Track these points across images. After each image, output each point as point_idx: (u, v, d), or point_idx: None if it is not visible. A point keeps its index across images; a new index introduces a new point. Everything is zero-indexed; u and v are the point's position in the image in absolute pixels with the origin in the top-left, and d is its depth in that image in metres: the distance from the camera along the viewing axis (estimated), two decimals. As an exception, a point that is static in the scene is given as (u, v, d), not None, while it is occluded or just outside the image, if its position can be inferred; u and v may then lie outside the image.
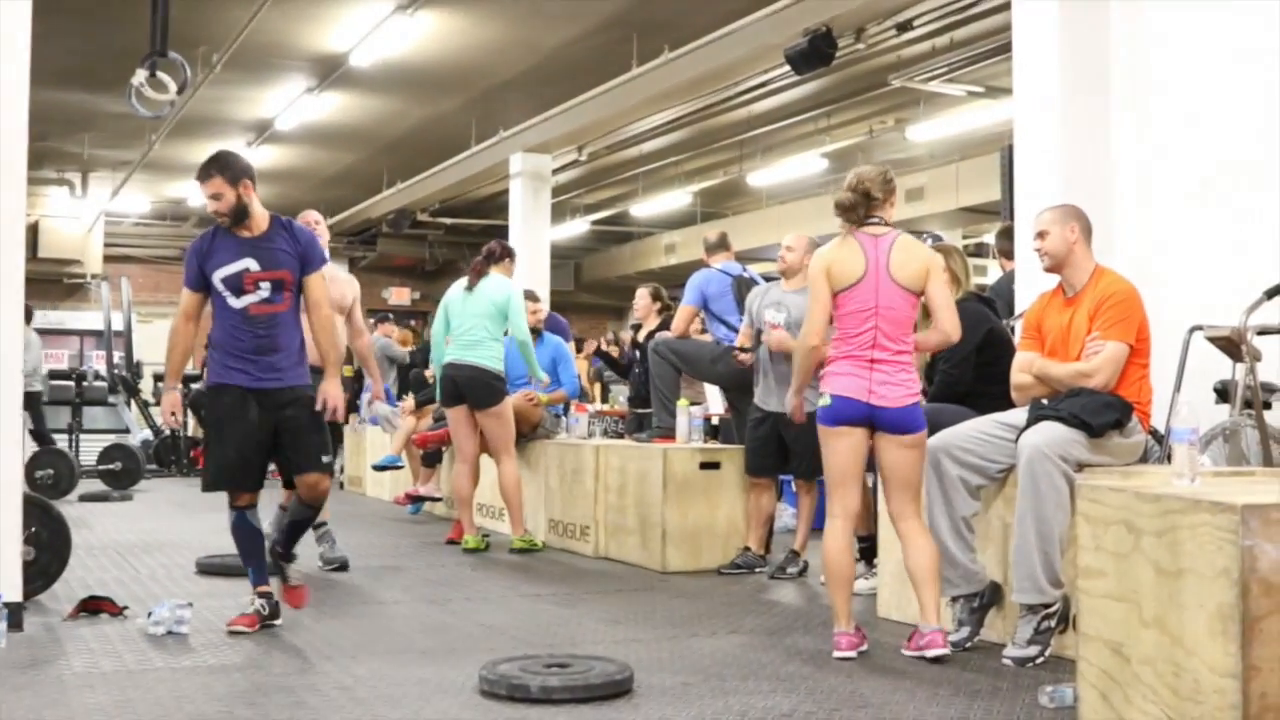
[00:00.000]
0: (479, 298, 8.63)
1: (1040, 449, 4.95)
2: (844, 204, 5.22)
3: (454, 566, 8.02)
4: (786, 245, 7.64)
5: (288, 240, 5.65)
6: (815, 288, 5.22)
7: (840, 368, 5.18)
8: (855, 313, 5.14)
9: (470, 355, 8.56)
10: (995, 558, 5.48)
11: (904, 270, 5.16)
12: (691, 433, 8.26)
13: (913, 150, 17.31)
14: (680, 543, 7.92)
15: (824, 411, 5.20)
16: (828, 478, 5.28)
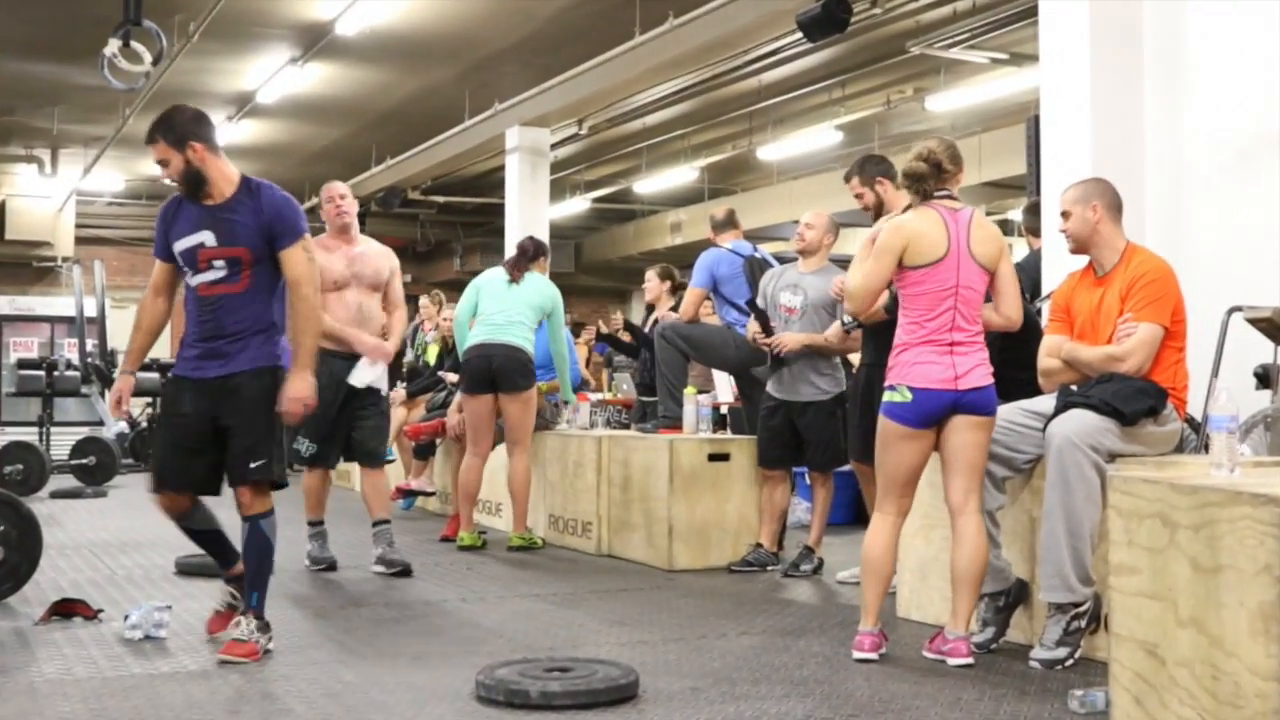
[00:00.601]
0: (525, 289, 8.75)
1: (1070, 438, 4.94)
2: (916, 173, 5.18)
3: (449, 565, 8.02)
4: (806, 223, 7.63)
5: (251, 210, 5.14)
6: (882, 255, 5.10)
7: (918, 355, 5.08)
8: (933, 293, 5.07)
9: (505, 335, 8.57)
10: (1022, 554, 5.48)
11: (983, 248, 5.15)
12: (699, 423, 8.26)
13: (933, 122, 17.28)
14: (688, 539, 7.92)
15: (900, 408, 5.08)
16: (887, 478, 5.19)
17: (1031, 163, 8.14)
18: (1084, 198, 5.35)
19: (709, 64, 13.93)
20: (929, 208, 5.16)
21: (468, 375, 8.70)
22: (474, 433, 8.79)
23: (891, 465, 5.16)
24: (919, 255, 5.08)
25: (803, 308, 7.49)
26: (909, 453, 5.14)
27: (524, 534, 8.69)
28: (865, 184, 6.81)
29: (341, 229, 7.71)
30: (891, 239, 5.12)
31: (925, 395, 5.05)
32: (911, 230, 5.11)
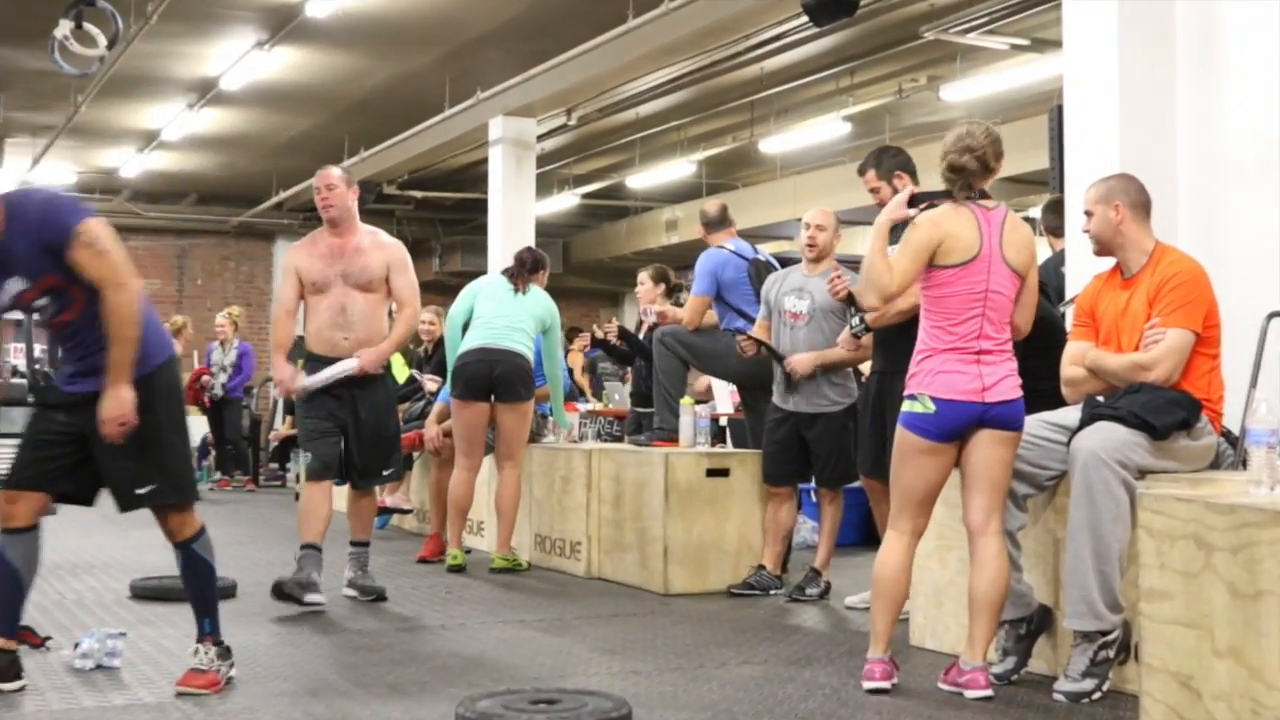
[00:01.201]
0: (530, 299, 8.80)
1: (1096, 453, 4.94)
2: (965, 168, 5.14)
3: (427, 589, 8.00)
4: (816, 224, 7.61)
5: (21, 234, 4.70)
6: (916, 251, 5.07)
7: (942, 363, 5.06)
8: (962, 295, 5.05)
9: (508, 341, 8.59)
10: (1045, 578, 5.47)
11: (1015, 252, 5.14)
12: (697, 435, 8.24)
13: (948, 112, 17.28)
14: (684, 561, 7.90)
15: (921, 420, 5.05)
16: (903, 494, 5.16)
17: (1054, 157, 8.14)
18: (1106, 196, 5.35)
19: (707, 50, 13.93)
20: (963, 205, 5.14)
21: (464, 380, 8.64)
22: (467, 443, 8.75)
23: (908, 481, 5.15)
24: (950, 254, 5.06)
25: (809, 313, 7.49)
26: (928, 468, 5.12)
27: (508, 555, 8.67)
28: (882, 178, 6.81)
29: (331, 222, 7.47)
30: (928, 234, 5.09)
31: (949, 407, 5.03)
32: (946, 228, 5.09)
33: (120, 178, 22.55)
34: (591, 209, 24.49)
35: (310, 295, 7.37)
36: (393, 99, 17.33)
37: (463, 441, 8.77)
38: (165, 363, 4.99)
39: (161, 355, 4.97)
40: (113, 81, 15.42)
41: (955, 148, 5.16)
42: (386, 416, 7.45)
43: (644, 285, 9.90)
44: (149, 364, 4.90)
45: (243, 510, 13.36)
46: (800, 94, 17.09)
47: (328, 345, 7.32)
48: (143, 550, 9.20)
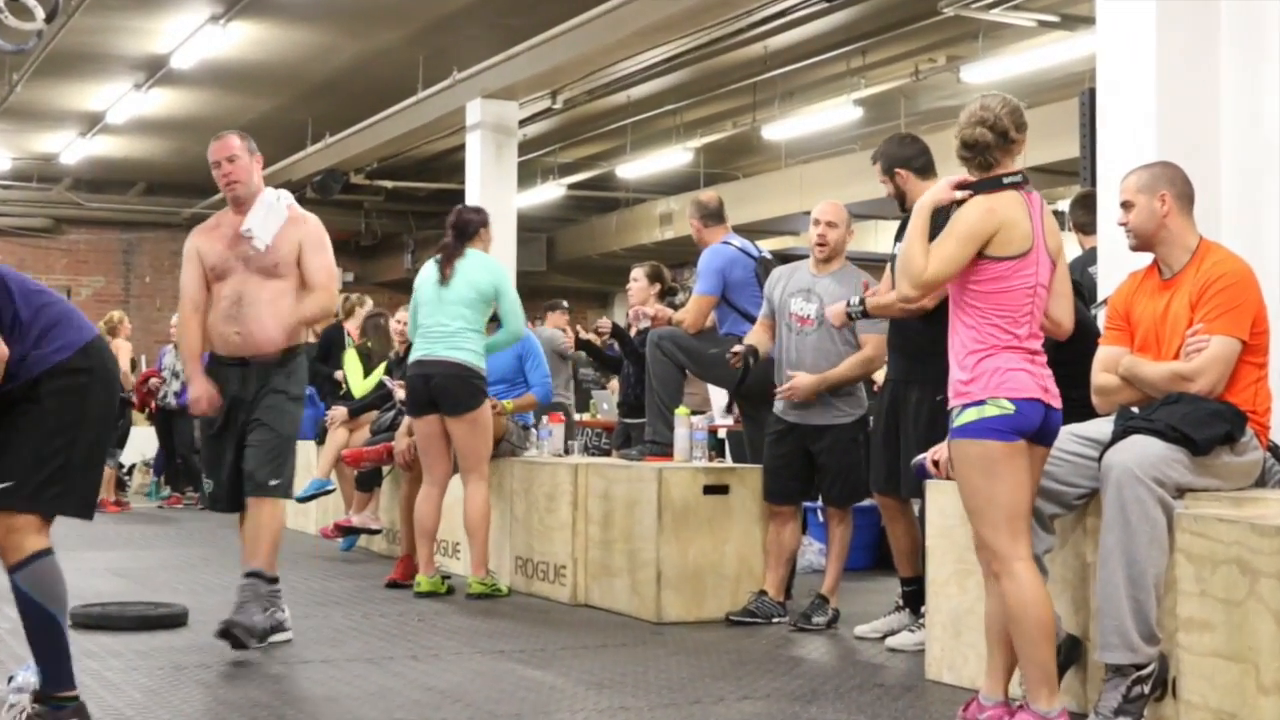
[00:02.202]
0: (460, 282, 8.67)
1: (1130, 470, 4.94)
2: (977, 143, 5.07)
3: (397, 616, 8.00)
4: (827, 220, 7.59)
5: None
6: (968, 242, 4.95)
7: (1011, 361, 4.94)
8: (1018, 290, 4.97)
9: (442, 349, 8.57)
10: (1074, 606, 5.47)
11: (1053, 240, 5.10)
12: (693, 448, 8.24)
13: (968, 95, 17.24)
14: (679, 586, 7.91)
15: (1003, 422, 4.90)
16: (1010, 514, 4.93)
17: (1085, 145, 8.15)
18: (1150, 185, 5.35)
19: (706, 26, 13.93)
20: (1018, 192, 5.05)
21: (409, 396, 8.84)
22: (427, 458, 8.81)
23: (1009, 494, 4.92)
24: (1009, 245, 4.96)
25: (818, 317, 7.48)
26: (1023, 472, 4.95)
27: (485, 579, 8.67)
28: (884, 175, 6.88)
29: (235, 201, 6.98)
30: (982, 222, 4.96)
31: (1029, 405, 4.91)
32: (1005, 215, 4.99)
33: (60, 164, 22.52)
34: (578, 201, 24.50)
35: (213, 284, 6.92)
36: (361, 79, 17.33)
37: (424, 456, 8.86)
38: (66, 360, 4.74)
39: (64, 353, 4.76)
40: (52, 59, 15.41)
41: (968, 122, 5.10)
42: (279, 416, 6.86)
43: (637, 283, 9.86)
44: (46, 360, 4.71)
45: (194, 530, 13.34)
46: (807, 75, 17.11)
47: (221, 341, 6.90)
48: (85, 575, 9.17)
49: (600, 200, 24.71)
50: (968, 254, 4.95)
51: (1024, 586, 4.87)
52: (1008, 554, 4.90)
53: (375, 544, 11.35)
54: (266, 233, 6.84)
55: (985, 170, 5.09)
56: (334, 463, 11.09)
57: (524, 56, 14.45)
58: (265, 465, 6.82)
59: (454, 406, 8.58)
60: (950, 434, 5.04)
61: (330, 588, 9.25)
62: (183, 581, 8.71)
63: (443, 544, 9.95)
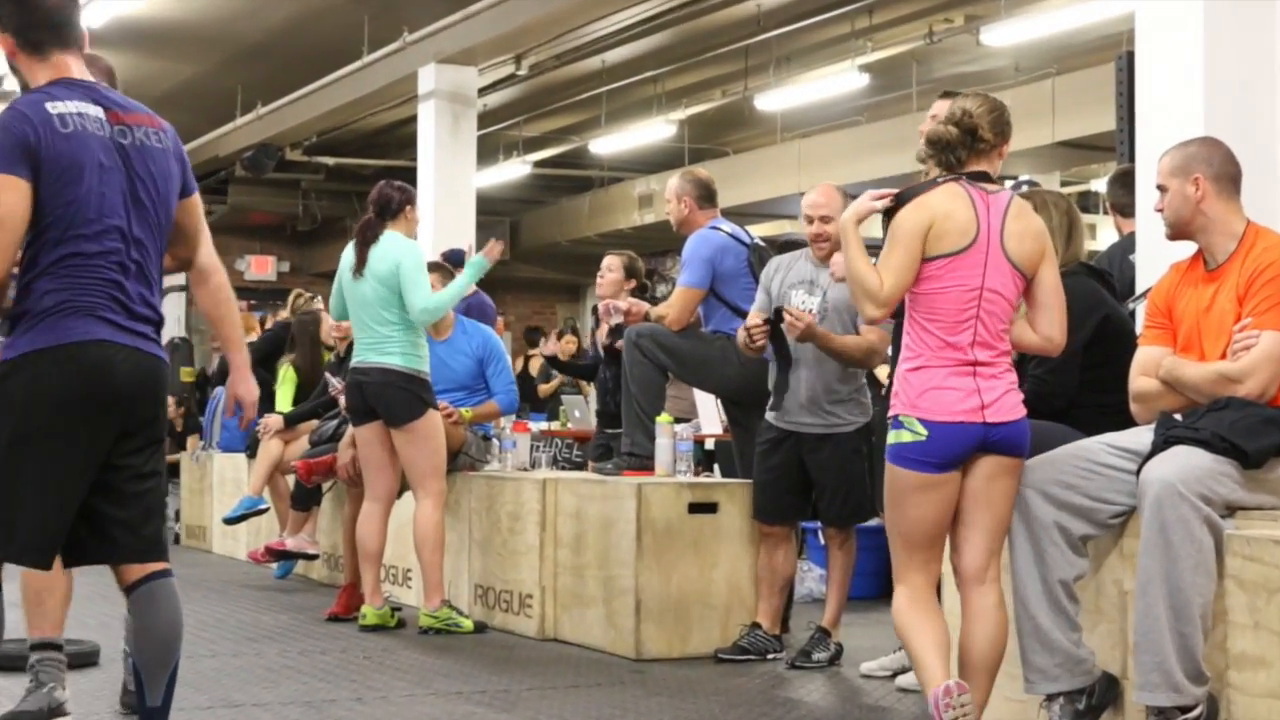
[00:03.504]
0: (368, 277, 8.65)
1: (1173, 485, 4.95)
2: (940, 140, 5.21)
3: (340, 653, 7.99)
4: (820, 214, 7.48)
5: None
6: (906, 241, 5.10)
7: (934, 378, 5.08)
8: (951, 292, 5.08)
9: (375, 354, 8.57)
10: (1109, 639, 5.48)
11: (1020, 245, 5.16)
12: (677, 461, 8.24)
13: (990, 60, 17.32)
14: (661, 618, 7.91)
15: (913, 451, 5.08)
16: (907, 542, 5.20)
17: (1122, 117, 8.16)
18: (1183, 167, 5.37)
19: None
20: (957, 185, 5.17)
21: (348, 405, 8.91)
22: (368, 471, 8.80)
23: (908, 525, 5.18)
24: (940, 240, 5.09)
25: (821, 311, 7.47)
26: (930, 505, 5.15)
27: (437, 610, 8.61)
28: None
29: None
30: (915, 217, 5.12)
31: (945, 431, 5.06)
32: (936, 208, 5.12)
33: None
34: (546, 180, 24.48)
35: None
36: (298, 42, 17.29)
37: (365, 468, 8.88)
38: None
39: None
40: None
41: (941, 119, 5.27)
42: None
43: (611, 274, 9.77)
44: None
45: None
46: (806, 37, 17.12)
47: None
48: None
49: (571, 180, 24.70)
50: (912, 255, 5.09)
51: (899, 606, 5.21)
52: (900, 575, 5.23)
53: (314, 570, 11.33)
54: None
55: (947, 168, 5.22)
56: (268, 479, 11.07)
57: (484, 16, 14.44)
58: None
59: (392, 417, 8.59)
60: None
61: (262, 621, 9.23)
62: (91, 615, 8.68)
63: (392, 570, 9.94)
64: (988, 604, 5.19)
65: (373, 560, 8.81)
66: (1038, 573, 5.29)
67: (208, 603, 9.95)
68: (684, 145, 21.74)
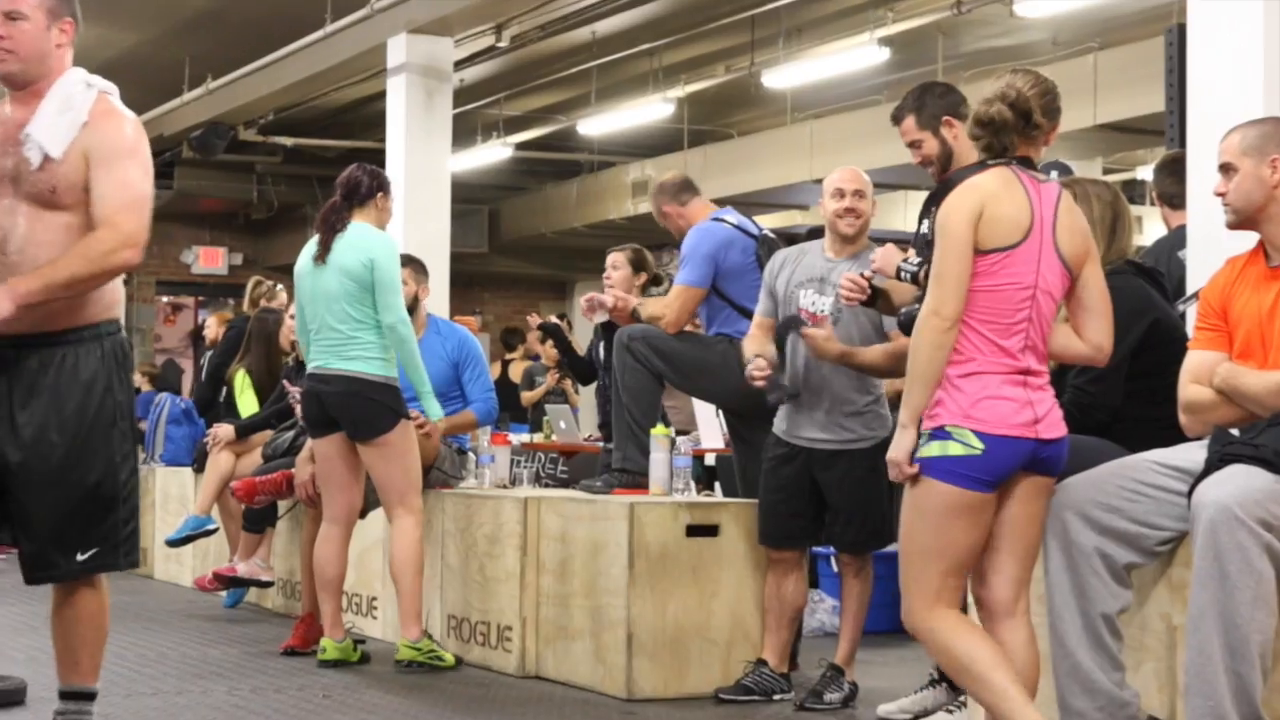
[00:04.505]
0: (332, 269, 8.59)
1: (1229, 508, 4.94)
2: (995, 121, 5.17)
3: (296, 691, 7.99)
4: (854, 189, 7.53)
5: None
6: (956, 238, 5.08)
7: (988, 386, 5.06)
8: (1007, 290, 5.07)
9: (337, 359, 8.52)
10: (1157, 680, 5.48)
11: (1070, 239, 5.18)
12: (674, 478, 8.24)
13: (1024, 33, 17.33)
14: (655, 654, 7.91)
15: (965, 465, 5.04)
16: (941, 565, 5.13)
17: (1172, 97, 8.16)
18: (1259, 146, 5.35)
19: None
20: (1007, 169, 5.16)
21: (305, 415, 8.88)
22: (327, 489, 8.78)
23: (949, 548, 5.13)
24: (994, 231, 5.08)
25: (834, 313, 7.46)
26: (977, 528, 5.13)
27: (417, 641, 8.60)
28: (925, 127, 6.82)
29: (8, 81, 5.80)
30: (961, 203, 5.11)
31: (1001, 446, 5.04)
32: (987, 191, 5.11)
33: None
34: (529, 165, 24.48)
35: None
36: (253, 8, 17.29)
37: (323, 486, 8.84)
38: None
39: None
40: None
41: (987, 98, 5.23)
42: (79, 449, 5.60)
43: (618, 272, 9.77)
44: None
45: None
46: (820, 7, 17.14)
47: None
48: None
49: (557, 164, 24.71)
50: (970, 247, 5.06)
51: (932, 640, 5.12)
52: (916, 609, 5.15)
53: (268, 599, 11.32)
54: (56, 140, 5.60)
55: (998, 153, 5.21)
56: (217, 496, 11.05)
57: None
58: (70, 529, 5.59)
59: (357, 430, 8.54)
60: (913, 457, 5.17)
61: (210, 655, 9.22)
62: (19, 648, 8.68)
63: (355, 599, 9.94)
64: (1018, 640, 5.19)
65: (332, 588, 8.79)
66: (1077, 605, 5.29)
67: (149, 635, 9.93)
68: (683, 127, 21.74)
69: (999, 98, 5.20)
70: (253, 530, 10.70)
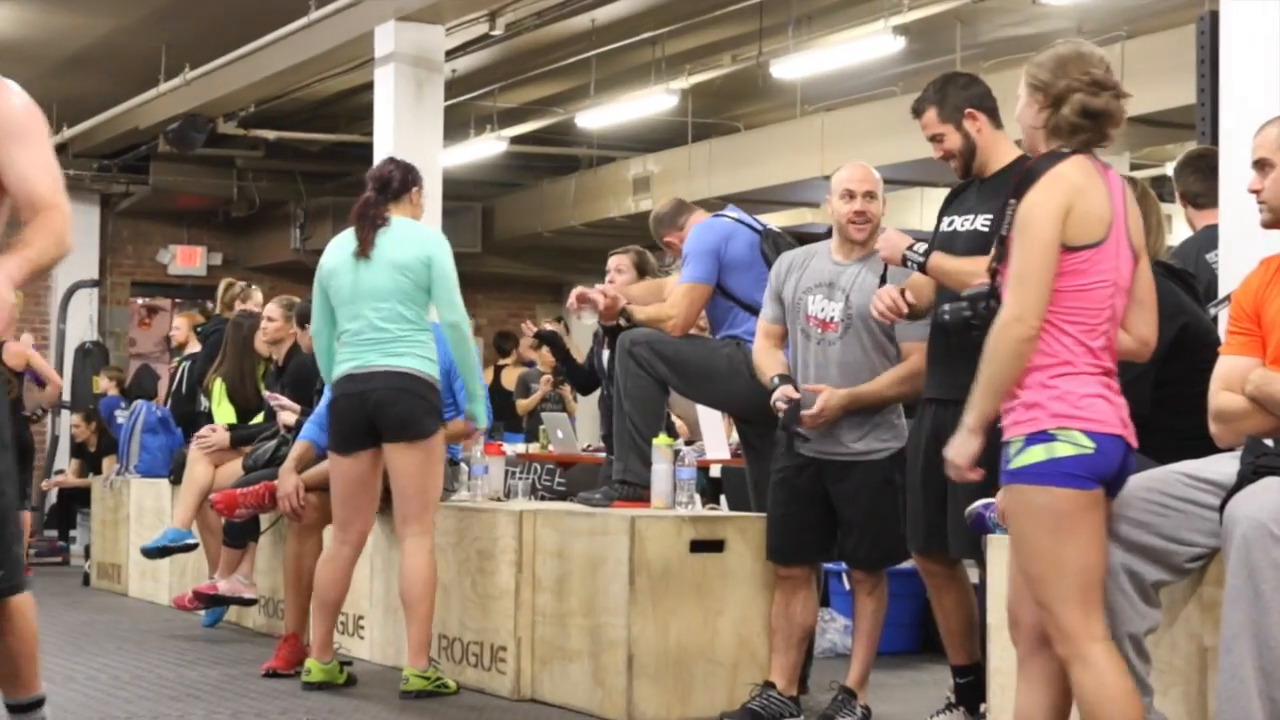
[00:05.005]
0: (381, 265, 8.54)
1: (1262, 524, 4.95)
2: (1104, 113, 5.09)
3: (279, 715, 8.01)
4: (865, 190, 7.53)
5: None
6: (1041, 237, 5.00)
7: (1086, 386, 5.01)
8: (1096, 289, 5.03)
9: (382, 356, 8.48)
10: (1187, 705, 5.49)
11: (1136, 231, 5.17)
12: (678, 490, 8.24)
13: (1046, 21, 17.34)
14: (658, 676, 7.91)
15: (1077, 464, 4.95)
16: (1075, 586, 5.00)
17: (1204, 88, 8.17)
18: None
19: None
20: (1085, 158, 5.11)
21: (335, 425, 8.67)
22: (345, 508, 8.70)
23: (1082, 558, 4.99)
24: (1083, 230, 5.01)
25: (844, 320, 7.45)
26: (1102, 530, 5.04)
27: (427, 670, 8.58)
28: (947, 120, 6.82)
29: None
30: (1048, 200, 5.00)
31: (1111, 445, 5.00)
32: (1074, 186, 5.04)
33: None
34: (525, 160, 24.47)
35: None
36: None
37: (340, 507, 8.72)
38: None
39: None
40: None
41: (1082, 81, 5.10)
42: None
43: (620, 275, 9.81)
44: None
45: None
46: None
47: None
48: None
49: (554, 159, 24.70)
50: (1057, 247, 4.97)
51: (1103, 677, 4.94)
52: (1079, 634, 4.97)
53: (249, 618, 11.32)
54: None
55: (1085, 148, 5.13)
56: (196, 509, 11.03)
57: (453, -35, 14.45)
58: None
59: (403, 430, 8.47)
60: (1004, 475, 5.09)
61: (188, 677, 9.23)
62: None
63: (341, 619, 9.94)
64: (1058, 669, 5.15)
65: (330, 610, 8.76)
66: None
67: (123, 655, 9.94)
68: (687, 119, 21.74)
69: (1097, 85, 5.10)
70: (234, 545, 10.70)
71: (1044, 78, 5.15)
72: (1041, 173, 5.07)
